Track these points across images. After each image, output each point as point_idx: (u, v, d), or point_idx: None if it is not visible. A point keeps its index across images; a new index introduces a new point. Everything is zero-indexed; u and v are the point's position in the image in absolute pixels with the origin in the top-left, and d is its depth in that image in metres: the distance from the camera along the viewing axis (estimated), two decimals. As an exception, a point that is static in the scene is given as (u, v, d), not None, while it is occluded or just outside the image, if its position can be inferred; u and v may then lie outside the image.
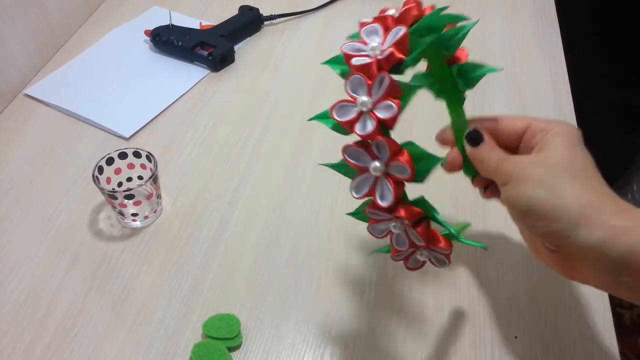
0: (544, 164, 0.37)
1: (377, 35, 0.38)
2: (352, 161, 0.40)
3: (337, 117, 0.39)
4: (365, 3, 0.90)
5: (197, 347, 0.48)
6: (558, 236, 0.36)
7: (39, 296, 0.54)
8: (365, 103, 0.37)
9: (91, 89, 0.76)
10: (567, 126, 0.40)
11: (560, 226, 0.35)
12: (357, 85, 0.38)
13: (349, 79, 0.38)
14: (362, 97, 0.37)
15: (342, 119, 0.39)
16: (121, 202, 0.56)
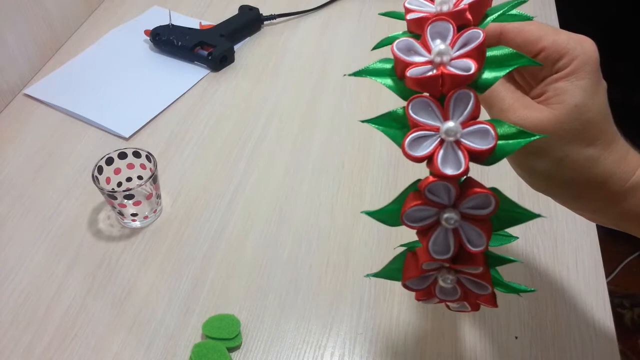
0: (554, 132, 0.33)
1: (444, 38, 0.30)
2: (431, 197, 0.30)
3: (410, 151, 0.31)
4: (365, 3, 0.90)
5: (197, 347, 0.48)
6: (565, 200, 0.37)
7: (39, 296, 0.54)
8: (451, 130, 0.28)
9: (91, 89, 0.76)
10: (586, 60, 0.33)
11: (568, 195, 0.36)
12: (423, 108, 0.29)
13: (413, 102, 0.29)
14: (448, 124, 0.28)
15: (416, 154, 0.30)
16: (121, 202, 0.56)
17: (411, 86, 0.30)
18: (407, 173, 0.64)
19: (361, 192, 0.62)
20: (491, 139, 0.28)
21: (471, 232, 0.29)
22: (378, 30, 0.85)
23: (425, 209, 0.29)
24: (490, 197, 0.28)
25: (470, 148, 0.28)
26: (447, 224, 0.29)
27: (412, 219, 0.30)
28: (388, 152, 0.67)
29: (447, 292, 0.33)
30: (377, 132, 0.69)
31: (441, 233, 0.29)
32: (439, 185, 0.28)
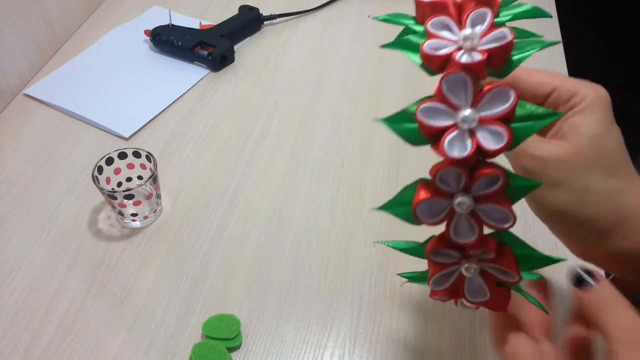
0: (573, 162, 0.32)
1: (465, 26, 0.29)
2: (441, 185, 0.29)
3: (422, 117, 0.28)
4: (365, 3, 0.90)
5: (197, 347, 0.48)
6: (586, 240, 0.34)
7: (39, 296, 0.54)
8: (467, 118, 0.27)
9: (91, 89, 0.76)
10: (598, 100, 0.34)
11: (591, 233, 0.33)
12: (458, 87, 0.28)
13: (448, 76, 0.27)
14: (465, 112, 0.27)
15: (428, 122, 0.28)
16: (121, 202, 0.56)
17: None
18: (408, 173, 0.64)
19: (361, 192, 0.62)
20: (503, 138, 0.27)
21: (491, 211, 0.28)
22: (378, 30, 0.85)
23: (437, 201, 0.29)
24: (497, 175, 0.28)
25: (480, 143, 0.27)
26: (461, 209, 0.28)
27: (426, 214, 0.30)
28: (388, 152, 0.67)
29: (474, 288, 0.32)
30: (377, 132, 0.69)
31: (460, 219, 0.29)
32: (450, 171, 0.28)
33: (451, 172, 0.28)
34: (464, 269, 0.31)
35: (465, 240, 0.29)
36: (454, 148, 0.27)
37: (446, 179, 0.28)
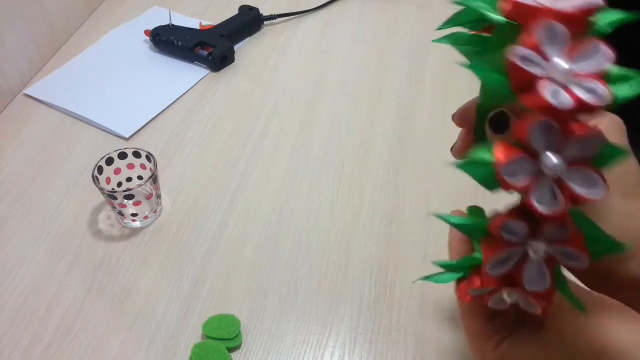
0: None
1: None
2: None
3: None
4: (365, 3, 0.90)
5: (197, 347, 0.48)
6: (603, 269, 0.33)
7: (39, 296, 0.54)
8: (557, 167, 0.25)
9: (91, 89, 0.76)
10: (612, 126, 0.34)
11: (609, 260, 0.32)
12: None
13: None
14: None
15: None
16: (121, 202, 0.56)
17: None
18: (408, 173, 0.64)
19: (361, 192, 0.62)
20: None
21: (581, 179, 0.25)
22: (378, 30, 0.85)
23: (523, 162, 0.25)
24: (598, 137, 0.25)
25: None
26: (551, 170, 0.25)
27: (510, 173, 0.25)
28: (388, 152, 0.67)
29: (535, 274, 0.28)
30: (377, 132, 0.69)
31: (545, 184, 0.25)
32: (543, 124, 0.24)
33: (545, 124, 0.25)
34: (532, 250, 0.27)
35: (548, 209, 0.25)
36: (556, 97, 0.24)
37: (536, 135, 0.25)
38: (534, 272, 0.28)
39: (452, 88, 0.75)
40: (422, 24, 0.86)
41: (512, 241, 0.27)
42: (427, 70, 0.78)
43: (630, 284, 0.33)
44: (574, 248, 0.27)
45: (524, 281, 0.28)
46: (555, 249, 0.27)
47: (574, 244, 0.27)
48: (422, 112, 0.72)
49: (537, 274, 0.28)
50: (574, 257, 0.27)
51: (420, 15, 0.87)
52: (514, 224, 0.27)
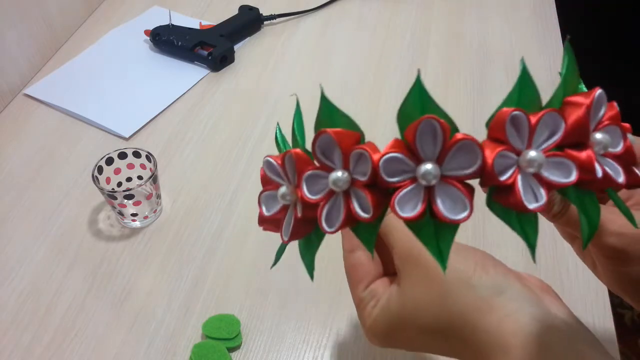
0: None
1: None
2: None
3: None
4: (365, 3, 0.90)
5: (197, 347, 0.48)
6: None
7: (39, 296, 0.54)
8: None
9: (91, 89, 0.76)
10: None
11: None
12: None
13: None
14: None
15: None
16: (121, 202, 0.56)
17: None
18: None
19: (361, 192, 0.62)
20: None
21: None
22: (378, 30, 0.86)
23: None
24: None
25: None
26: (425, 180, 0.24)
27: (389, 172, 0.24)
28: (388, 152, 0.67)
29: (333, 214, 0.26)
30: (377, 132, 0.69)
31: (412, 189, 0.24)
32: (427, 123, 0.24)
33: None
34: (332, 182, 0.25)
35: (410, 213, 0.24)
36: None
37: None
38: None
39: (452, 88, 0.75)
40: (422, 24, 0.86)
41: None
42: (427, 70, 0.78)
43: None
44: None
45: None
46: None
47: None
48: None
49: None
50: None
51: (420, 15, 0.87)
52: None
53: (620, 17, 1.67)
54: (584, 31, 1.64)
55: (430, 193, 0.24)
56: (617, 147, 0.26)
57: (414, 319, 0.31)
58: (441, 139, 0.24)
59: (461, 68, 0.78)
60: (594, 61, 1.66)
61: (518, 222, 0.26)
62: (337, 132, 0.26)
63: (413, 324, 0.31)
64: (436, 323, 0.30)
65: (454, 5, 0.89)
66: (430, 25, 0.85)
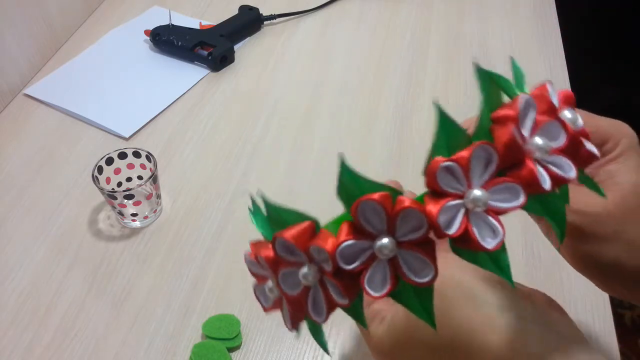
0: (620, 214, 0.32)
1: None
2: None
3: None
4: (365, 3, 0.90)
5: (197, 347, 0.48)
6: (635, 289, 0.33)
7: (39, 296, 0.54)
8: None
9: (91, 89, 0.76)
10: (630, 143, 0.33)
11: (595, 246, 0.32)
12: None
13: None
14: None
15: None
16: (121, 202, 0.56)
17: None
18: (407, 173, 0.64)
19: (361, 192, 0.62)
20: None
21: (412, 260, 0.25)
22: (378, 30, 0.85)
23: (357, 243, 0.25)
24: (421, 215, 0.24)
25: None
26: (382, 254, 0.24)
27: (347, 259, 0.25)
28: (388, 152, 0.67)
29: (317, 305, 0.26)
30: (377, 133, 0.69)
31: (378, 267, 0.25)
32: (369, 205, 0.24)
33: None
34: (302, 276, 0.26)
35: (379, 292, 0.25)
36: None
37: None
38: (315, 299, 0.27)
39: (452, 88, 0.75)
40: (422, 24, 0.86)
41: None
42: (427, 70, 0.78)
43: (615, 268, 0.33)
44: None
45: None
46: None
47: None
48: (422, 112, 0.71)
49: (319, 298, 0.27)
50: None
51: (420, 15, 0.87)
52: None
53: (620, 17, 1.67)
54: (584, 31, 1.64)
55: (394, 264, 0.25)
56: (559, 141, 0.25)
57: (419, 335, 0.31)
58: (383, 213, 0.24)
59: (461, 68, 0.78)
60: (594, 61, 1.66)
61: (489, 259, 0.26)
62: (289, 234, 0.26)
63: (419, 340, 0.31)
64: (441, 339, 0.30)
65: (454, 5, 0.89)
66: (430, 25, 0.85)
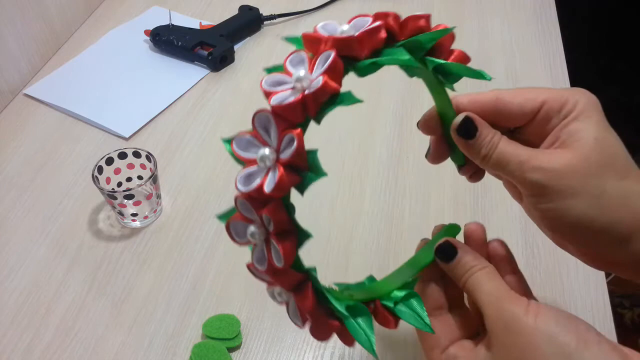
0: (584, 168, 0.31)
1: (303, 65, 0.31)
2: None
3: (236, 148, 0.34)
4: (365, 3, 0.90)
5: (197, 347, 0.48)
6: (606, 247, 0.33)
7: (39, 296, 0.54)
8: (266, 157, 0.32)
9: (91, 89, 0.76)
10: (588, 102, 0.33)
11: (613, 239, 0.32)
12: (264, 123, 0.33)
13: (257, 115, 0.33)
14: (264, 150, 0.32)
15: (242, 155, 0.34)
16: (121, 202, 0.56)
17: (277, 112, 0.32)
18: (407, 173, 0.64)
19: (361, 192, 0.62)
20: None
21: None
22: (378, 30, 0.85)
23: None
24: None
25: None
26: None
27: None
28: (388, 152, 0.67)
29: (259, 258, 0.33)
30: (377, 132, 0.69)
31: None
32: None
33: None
34: (250, 232, 0.31)
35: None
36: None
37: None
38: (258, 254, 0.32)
39: (452, 88, 0.75)
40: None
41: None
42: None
43: (632, 264, 0.33)
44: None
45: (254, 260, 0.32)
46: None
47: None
48: (422, 112, 0.71)
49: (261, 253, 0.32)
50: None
51: (420, 15, 0.87)
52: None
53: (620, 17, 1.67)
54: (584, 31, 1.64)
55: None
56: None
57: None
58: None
59: (461, 68, 0.78)
60: (594, 61, 1.66)
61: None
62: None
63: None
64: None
65: (454, 5, 0.89)
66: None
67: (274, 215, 0.29)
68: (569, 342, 0.29)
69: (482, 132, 0.34)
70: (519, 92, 0.35)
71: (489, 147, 0.34)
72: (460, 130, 0.34)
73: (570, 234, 0.33)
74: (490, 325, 0.32)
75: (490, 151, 0.34)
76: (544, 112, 0.34)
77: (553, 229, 0.34)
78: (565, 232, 0.33)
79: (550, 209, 0.33)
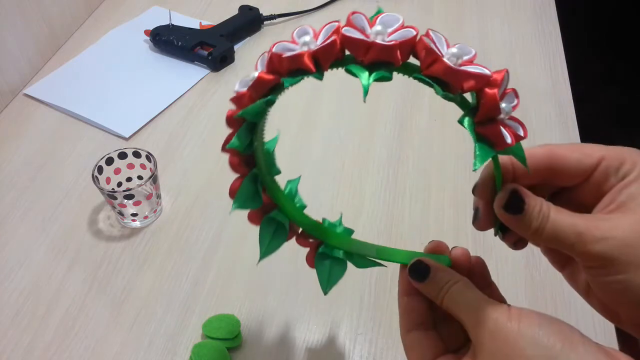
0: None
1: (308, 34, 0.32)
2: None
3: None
4: (365, 3, 0.90)
5: (197, 347, 0.48)
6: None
7: (39, 296, 0.54)
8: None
9: (91, 89, 0.76)
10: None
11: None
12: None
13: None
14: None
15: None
16: (121, 202, 0.56)
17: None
18: (407, 173, 0.64)
19: (361, 192, 0.62)
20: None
21: None
22: (378, 30, 0.85)
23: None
24: None
25: None
26: None
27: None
28: (388, 152, 0.67)
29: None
30: (377, 132, 0.69)
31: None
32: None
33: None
34: None
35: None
36: None
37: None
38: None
39: (452, 88, 0.75)
40: (422, 24, 0.86)
41: None
42: (427, 70, 0.78)
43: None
44: None
45: None
46: None
47: None
48: (422, 112, 0.72)
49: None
50: None
51: (421, 16, 0.87)
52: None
53: (621, 17, 1.67)
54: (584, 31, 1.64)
55: None
56: (515, 104, 0.30)
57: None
58: None
59: (461, 68, 0.78)
60: (595, 62, 1.66)
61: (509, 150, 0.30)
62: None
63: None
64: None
65: (454, 5, 0.89)
66: (431, 26, 0.85)
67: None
68: (554, 344, 0.28)
69: (530, 203, 0.31)
70: (575, 147, 0.32)
71: (540, 220, 0.31)
72: (508, 207, 0.31)
73: (636, 307, 0.31)
74: (473, 334, 0.31)
75: (541, 224, 0.31)
76: (602, 170, 0.31)
77: (616, 301, 0.32)
78: (631, 305, 0.31)
79: (618, 281, 0.30)
